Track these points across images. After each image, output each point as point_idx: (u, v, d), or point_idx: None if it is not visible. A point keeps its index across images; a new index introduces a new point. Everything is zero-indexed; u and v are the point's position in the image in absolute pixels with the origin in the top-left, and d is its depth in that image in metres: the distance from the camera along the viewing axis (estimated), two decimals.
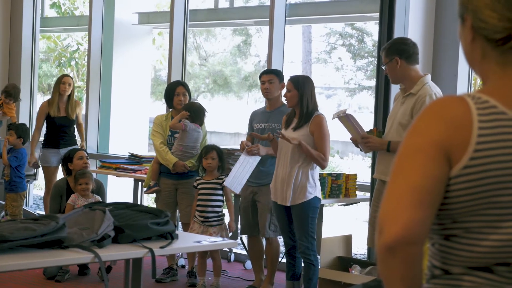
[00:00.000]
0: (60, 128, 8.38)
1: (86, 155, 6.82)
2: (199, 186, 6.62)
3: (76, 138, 8.57)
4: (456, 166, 1.73)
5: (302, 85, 5.97)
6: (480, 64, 1.82)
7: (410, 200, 1.70)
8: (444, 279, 1.80)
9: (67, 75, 8.66)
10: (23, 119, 10.28)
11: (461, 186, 1.73)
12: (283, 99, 6.29)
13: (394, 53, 5.36)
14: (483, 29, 1.78)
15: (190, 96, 7.17)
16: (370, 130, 5.57)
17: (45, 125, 8.49)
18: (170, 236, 4.41)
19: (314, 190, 5.96)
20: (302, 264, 6.16)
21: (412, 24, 6.64)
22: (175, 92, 7.04)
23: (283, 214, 6.06)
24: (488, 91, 1.77)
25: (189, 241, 4.59)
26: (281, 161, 5.98)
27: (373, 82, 17.06)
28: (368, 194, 6.92)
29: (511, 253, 1.76)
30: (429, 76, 5.44)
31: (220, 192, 6.59)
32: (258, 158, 6.39)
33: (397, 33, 6.57)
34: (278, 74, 6.63)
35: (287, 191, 5.92)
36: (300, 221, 5.94)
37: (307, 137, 5.92)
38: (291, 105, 6.01)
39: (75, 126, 8.57)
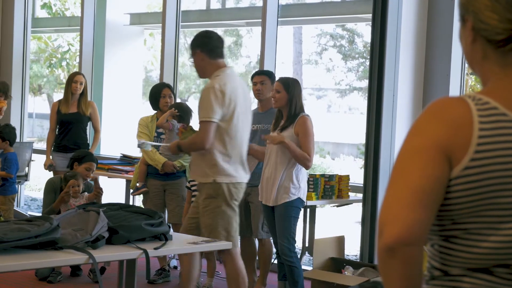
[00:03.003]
0: (70, 126, 8.00)
1: (94, 169, 6.63)
2: (193, 188, 6.61)
3: (88, 142, 8.17)
4: (457, 167, 1.73)
5: (292, 88, 6.00)
6: (481, 65, 1.82)
7: (410, 201, 1.70)
8: (444, 280, 1.80)
9: (79, 73, 8.22)
10: (15, 119, 10.23)
11: (461, 187, 1.73)
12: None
13: (195, 46, 5.25)
14: (483, 30, 1.78)
15: (175, 97, 7.18)
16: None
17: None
18: (164, 237, 4.40)
19: (298, 191, 5.97)
20: (303, 267, 6.18)
21: (404, 24, 6.65)
22: (161, 94, 7.05)
23: (271, 214, 6.07)
24: (489, 93, 1.77)
25: (183, 242, 4.58)
26: (268, 162, 6.02)
27: (363, 83, 17.09)
28: (360, 195, 6.92)
29: (511, 255, 1.75)
30: (226, 69, 5.24)
31: None
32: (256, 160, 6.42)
33: (389, 34, 6.58)
34: (270, 75, 6.63)
35: (271, 191, 5.95)
36: (282, 221, 5.96)
37: (292, 138, 5.95)
38: (279, 106, 6.03)
39: (88, 128, 8.24)
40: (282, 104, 6.00)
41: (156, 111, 7.13)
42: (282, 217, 5.96)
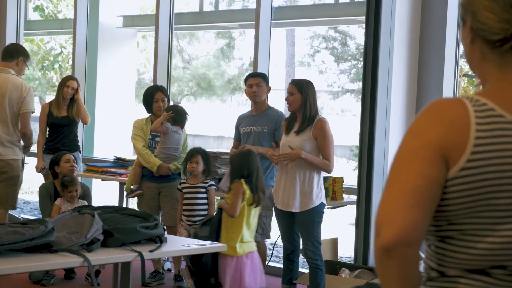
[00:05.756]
0: (60, 129, 7.90)
1: (73, 158, 6.79)
2: (184, 190, 6.61)
3: (79, 144, 8.08)
4: (453, 168, 1.73)
5: (306, 89, 5.93)
6: (480, 66, 1.83)
7: (406, 202, 1.71)
8: (441, 281, 1.81)
9: (72, 78, 8.11)
10: None
11: (457, 188, 1.74)
12: (285, 102, 6.18)
13: None
14: (481, 31, 1.79)
15: (168, 100, 7.16)
16: None
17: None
18: (159, 240, 4.40)
19: (320, 196, 5.93)
20: (299, 269, 6.15)
21: (398, 26, 6.67)
22: (153, 99, 7.02)
23: (287, 219, 6.02)
24: (487, 94, 1.78)
25: (178, 244, 4.58)
26: (284, 168, 5.92)
27: (356, 85, 17.12)
28: (354, 197, 6.93)
29: (507, 256, 1.76)
30: None
31: (205, 195, 6.59)
32: None
33: (383, 36, 6.59)
34: (265, 77, 6.63)
35: (294, 198, 5.88)
36: (306, 226, 5.89)
37: (310, 141, 5.88)
38: (293, 109, 5.93)
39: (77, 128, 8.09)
40: (296, 106, 5.91)
41: (150, 114, 7.12)
42: (306, 223, 5.88)
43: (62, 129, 7.95)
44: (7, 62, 7.11)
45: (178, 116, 6.85)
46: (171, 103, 7.51)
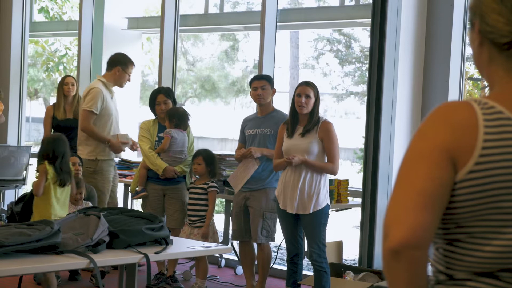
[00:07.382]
0: (66, 132, 7.82)
1: (79, 161, 6.78)
2: (190, 190, 6.69)
3: None
4: (461, 170, 1.73)
5: (318, 92, 5.98)
6: (487, 68, 1.83)
7: (415, 205, 1.70)
8: (449, 284, 1.80)
9: (69, 75, 8.29)
10: (12, 123, 10.21)
11: (465, 191, 1.74)
12: (292, 103, 6.16)
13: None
14: (489, 33, 1.79)
15: (174, 101, 7.15)
16: None
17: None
18: (165, 242, 4.40)
19: (326, 198, 5.94)
20: (304, 272, 6.14)
21: (403, 30, 6.67)
22: (155, 101, 7.04)
23: (291, 221, 6.02)
24: (495, 97, 1.78)
25: (183, 246, 4.58)
26: (289, 170, 5.93)
27: (360, 88, 17.11)
28: (359, 200, 6.93)
29: None
30: None
31: (205, 196, 6.62)
32: (256, 164, 6.42)
33: (388, 39, 6.59)
34: (270, 80, 6.63)
35: (302, 199, 5.87)
36: (313, 228, 5.89)
37: (317, 142, 5.89)
38: (308, 111, 5.94)
39: None
40: (310, 109, 5.92)
41: (156, 116, 7.14)
42: (313, 224, 5.88)
43: (70, 131, 7.96)
44: (106, 72, 7.37)
45: (180, 119, 6.87)
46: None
